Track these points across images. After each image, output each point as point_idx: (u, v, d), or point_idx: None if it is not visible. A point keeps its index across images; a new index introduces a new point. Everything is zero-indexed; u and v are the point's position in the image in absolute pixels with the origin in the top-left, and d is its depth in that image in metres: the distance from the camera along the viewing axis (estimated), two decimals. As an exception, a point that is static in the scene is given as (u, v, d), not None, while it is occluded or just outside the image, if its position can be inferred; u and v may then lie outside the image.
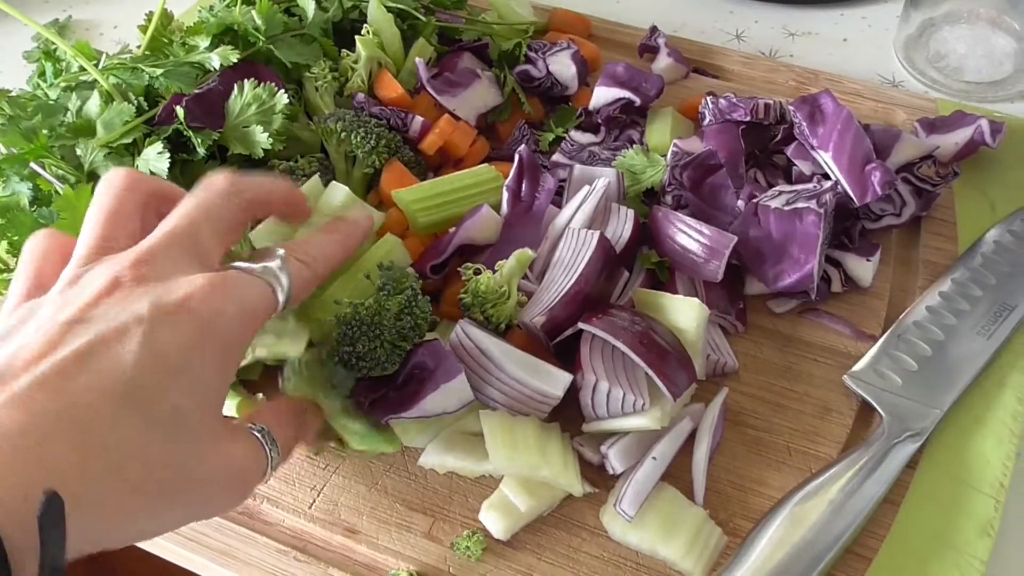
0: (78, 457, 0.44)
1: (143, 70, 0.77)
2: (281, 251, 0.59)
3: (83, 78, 0.82)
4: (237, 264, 0.58)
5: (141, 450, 0.47)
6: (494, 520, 0.65)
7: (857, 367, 0.72)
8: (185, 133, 0.75)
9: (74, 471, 0.44)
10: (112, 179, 0.58)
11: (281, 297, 0.57)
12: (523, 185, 0.78)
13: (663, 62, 0.97)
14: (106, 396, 0.46)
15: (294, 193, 0.67)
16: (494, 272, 0.71)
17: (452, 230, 0.76)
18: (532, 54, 0.92)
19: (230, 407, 0.70)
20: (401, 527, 0.67)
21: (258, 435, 0.57)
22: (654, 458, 0.65)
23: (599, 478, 0.68)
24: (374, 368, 0.67)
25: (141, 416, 0.47)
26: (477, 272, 0.71)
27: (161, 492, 0.48)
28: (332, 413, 0.68)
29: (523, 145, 0.83)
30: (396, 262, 0.71)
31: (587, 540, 0.66)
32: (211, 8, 0.89)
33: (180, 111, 0.73)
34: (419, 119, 0.85)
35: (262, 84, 0.77)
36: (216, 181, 0.60)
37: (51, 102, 0.79)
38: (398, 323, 0.67)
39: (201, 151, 0.74)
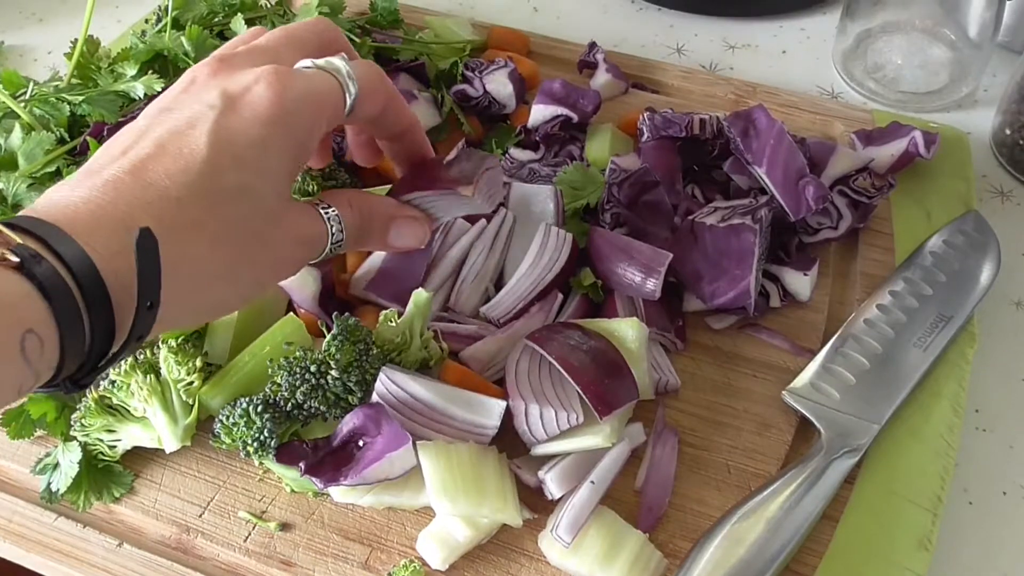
0: (159, 229, 0.48)
1: (65, 100, 0.76)
2: (343, 55, 0.63)
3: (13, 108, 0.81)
4: (301, 62, 0.61)
5: (213, 223, 0.52)
6: (432, 550, 0.64)
7: (796, 383, 0.72)
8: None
9: (159, 235, 0.48)
10: (308, 25, 0.66)
11: (350, 96, 0.61)
12: None
13: (602, 78, 0.96)
14: (179, 177, 0.51)
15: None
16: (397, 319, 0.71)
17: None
18: (469, 73, 0.92)
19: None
20: (338, 558, 0.66)
21: (322, 212, 0.62)
22: (592, 482, 0.65)
23: (538, 502, 0.67)
24: (312, 419, 0.67)
25: (211, 195, 0.52)
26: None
27: (233, 258, 0.54)
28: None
29: None
30: (298, 343, 0.70)
31: (526, 566, 0.65)
32: (142, 34, 0.88)
33: (92, 143, 0.72)
34: (354, 142, 0.84)
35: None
36: (314, 20, 0.67)
37: (-24, 135, 0.77)
38: (345, 375, 0.66)
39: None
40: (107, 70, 0.81)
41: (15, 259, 0.44)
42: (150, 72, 0.79)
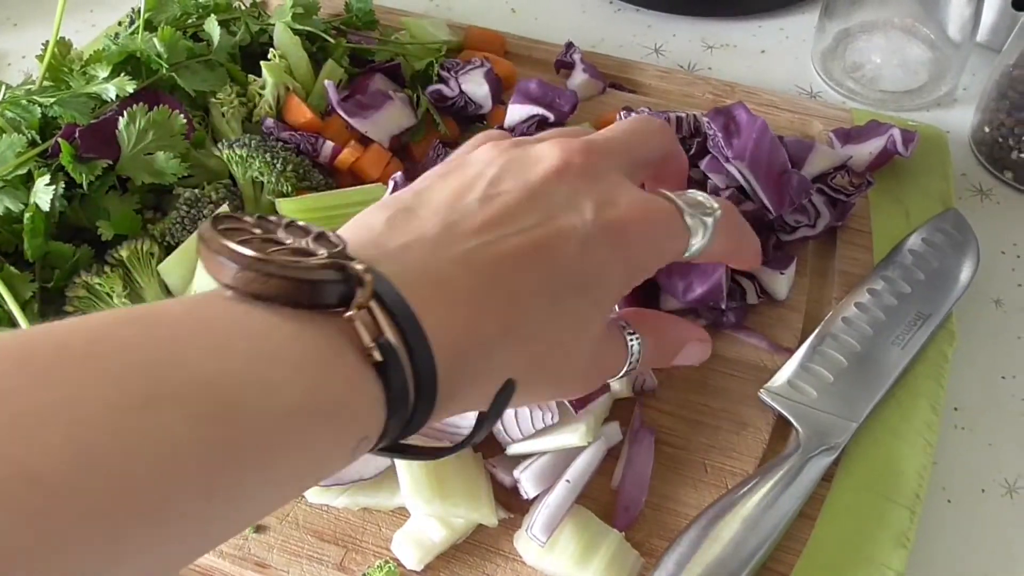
0: (499, 332, 0.47)
1: (36, 102, 0.75)
2: (718, 205, 0.58)
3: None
4: (678, 199, 0.57)
5: (537, 342, 0.49)
6: (407, 551, 0.64)
7: (773, 381, 0.72)
8: (67, 167, 0.72)
9: (496, 344, 0.46)
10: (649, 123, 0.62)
11: (694, 247, 0.57)
12: None
13: (579, 78, 0.96)
14: (536, 289, 0.48)
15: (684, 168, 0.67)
16: None
17: None
18: (445, 73, 0.91)
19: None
20: (312, 559, 0.65)
21: (628, 339, 0.58)
22: (567, 481, 0.64)
23: (514, 502, 0.66)
24: None
25: (551, 312, 0.49)
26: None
27: (544, 372, 0.51)
28: None
29: (399, 172, 0.80)
30: None
31: (502, 566, 0.64)
32: (115, 36, 0.87)
33: (64, 145, 0.71)
34: (329, 143, 0.83)
35: (154, 107, 0.75)
36: (653, 120, 0.63)
37: (-53, 139, 0.77)
38: None
39: (84, 184, 0.72)
40: (79, 72, 0.80)
41: (379, 357, 0.40)
42: (122, 74, 0.78)
